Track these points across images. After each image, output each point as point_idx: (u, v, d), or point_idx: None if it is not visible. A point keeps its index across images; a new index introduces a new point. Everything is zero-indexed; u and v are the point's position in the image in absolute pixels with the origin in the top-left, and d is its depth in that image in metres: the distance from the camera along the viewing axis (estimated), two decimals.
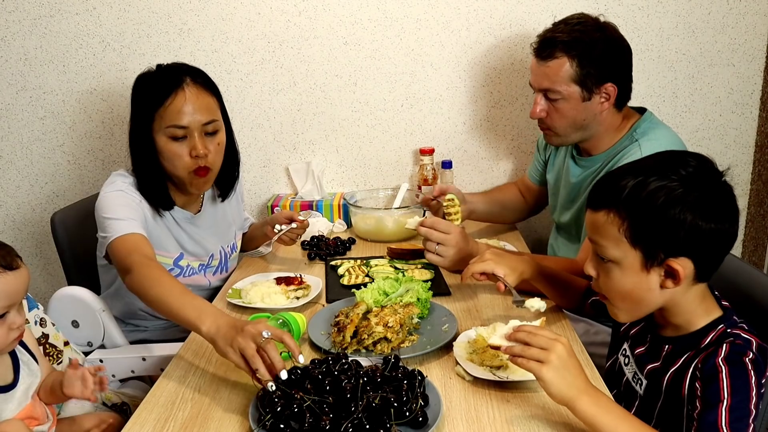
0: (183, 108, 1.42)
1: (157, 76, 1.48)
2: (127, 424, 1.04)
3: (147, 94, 1.46)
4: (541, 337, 0.96)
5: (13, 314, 1.06)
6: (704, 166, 0.99)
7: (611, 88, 1.51)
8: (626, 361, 1.17)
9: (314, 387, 1.00)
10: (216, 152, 1.49)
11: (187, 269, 1.62)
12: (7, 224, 2.28)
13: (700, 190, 0.95)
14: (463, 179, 2.23)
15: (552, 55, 1.51)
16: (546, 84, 1.54)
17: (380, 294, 1.37)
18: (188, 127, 1.43)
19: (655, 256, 0.98)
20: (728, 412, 0.92)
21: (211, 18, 2.08)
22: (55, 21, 2.08)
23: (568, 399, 0.93)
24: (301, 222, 1.68)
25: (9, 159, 2.22)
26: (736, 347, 0.97)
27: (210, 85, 1.50)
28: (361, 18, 2.08)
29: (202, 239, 1.64)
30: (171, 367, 1.22)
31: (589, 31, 1.49)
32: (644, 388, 1.10)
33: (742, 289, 1.13)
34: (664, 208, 0.95)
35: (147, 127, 1.45)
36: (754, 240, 2.24)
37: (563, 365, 0.93)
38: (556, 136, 1.63)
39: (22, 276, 1.07)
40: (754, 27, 2.06)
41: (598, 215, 1.02)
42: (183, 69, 1.48)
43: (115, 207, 1.43)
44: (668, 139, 1.52)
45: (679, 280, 0.98)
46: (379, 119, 2.18)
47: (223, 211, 1.71)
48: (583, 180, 1.66)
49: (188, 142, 1.45)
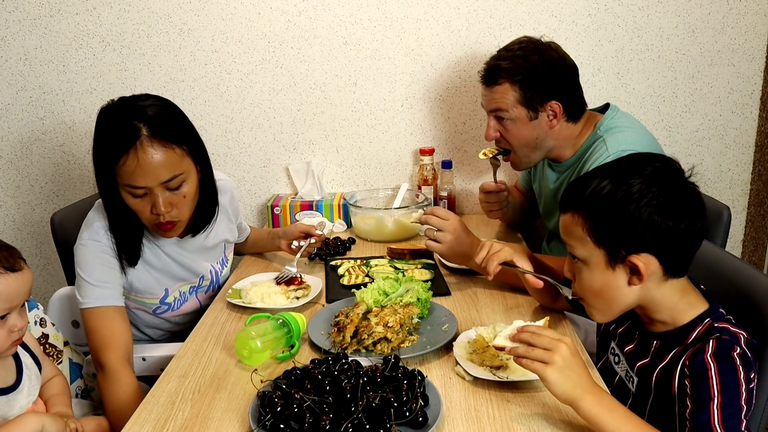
0: (137, 170, 1.27)
1: (113, 125, 1.30)
2: (127, 424, 1.04)
3: (103, 145, 1.31)
4: (545, 337, 0.97)
5: (14, 317, 1.05)
6: (667, 165, 1.02)
7: (556, 105, 1.58)
8: (616, 359, 1.18)
9: (314, 387, 1.00)
10: (182, 204, 1.36)
11: (175, 303, 1.56)
12: (7, 224, 2.28)
13: (660, 188, 0.98)
14: (463, 179, 2.23)
15: (496, 81, 1.60)
16: (494, 105, 1.63)
17: (380, 294, 1.37)
18: (146, 186, 1.30)
19: (617, 254, 1.01)
20: (720, 410, 0.92)
21: (211, 18, 2.08)
22: (55, 21, 2.08)
23: (572, 399, 0.94)
24: (318, 237, 1.67)
25: (9, 159, 2.22)
26: (723, 342, 0.97)
27: (172, 132, 1.31)
28: (361, 18, 2.08)
29: (189, 262, 1.55)
30: (171, 367, 1.22)
31: (528, 56, 1.57)
32: (636, 385, 1.11)
33: (742, 289, 1.13)
34: (621, 205, 0.98)
35: (110, 178, 1.32)
36: (754, 240, 2.24)
37: (567, 365, 0.94)
38: (519, 160, 1.70)
39: (24, 278, 1.05)
40: (754, 27, 2.06)
41: (566, 217, 1.07)
42: (141, 115, 1.29)
43: (90, 266, 1.36)
44: (631, 130, 1.55)
45: (642, 276, 1.00)
46: (379, 119, 2.18)
47: (213, 230, 1.58)
48: (559, 185, 1.72)
49: (149, 198, 1.32)
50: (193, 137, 1.39)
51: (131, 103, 1.32)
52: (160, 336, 1.65)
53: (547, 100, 1.57)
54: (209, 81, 2.14)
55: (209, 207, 1.51)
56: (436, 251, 1.52)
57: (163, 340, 1.65)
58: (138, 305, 1.52)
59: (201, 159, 1.41)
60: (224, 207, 1.63)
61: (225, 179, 1.66)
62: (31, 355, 1.18)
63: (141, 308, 1.54)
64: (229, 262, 1.71)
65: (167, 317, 1.57)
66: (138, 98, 1.34)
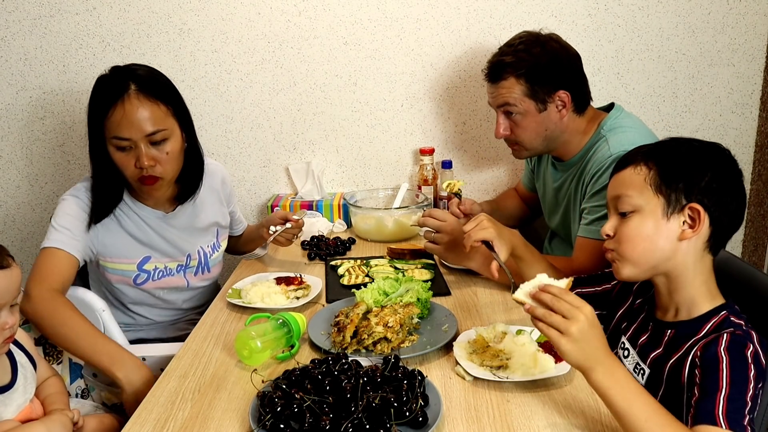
0: (123, 120, 1.38)
1: (104, 83, 1.43)
2: (127, 424, 1.04)
3: (95, 102, 1.43)
4: (566, 303, 0.93)
5: (5, 314, 1.05)
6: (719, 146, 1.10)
7: (564, 95, 1.58)
8: (625, 353, 1.18)
9: (314, 387, 1.00)
10: (166, 161, 1.44)
11: (155, 272, 1.59)
12: (7, 224, 2.28)
13: (721, 156, 1.07)
14: (463, 179, 2.23)
15: (501, 77, 1.60)
16: (501, 100, 1.62)
17: (380, 294, 1.37)
18: (131, 138, 1.40)
19: (677, 202, 1.04)
20: (726, 402, 0.92)
21: (211, 18, 2.08)
22: (55, 21, 2.08)
23: (583, 369, 0.92)
24: (295, 221, 1.67)
25: (9, 159, 2.22)
26: (738, 337, 0.98)
27: (159, 91, 1.43)
28: (361, 18, 2.08)
29: (176, 239, 1.60)
30: (171, 367, 1.22)
31: (530, 48, 1.58)
32: (646, 377, 1.11)
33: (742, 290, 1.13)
34: (690, 156, 1.06)
35: (99, 134, 1.43)
36: (754, 240, 2.24)
37: (583, 337, 0.91)
38: (525, 150, 1.69)
39: (13, 275, 1.05)
40: (754, 27, 2.06)
41: (625, 172, 1.10)
42: (131, 74, 1.42)
43: (60, 215, 1.46)
44: (634, 131, 1.55)
45: (697, 225, 1.03)
46: (379, 119, 2.18)
47: (201, 211, 1.65)
48: (562, 184, 1.71)
49: (134, 152, 1.41)
50: (178, 102, 1.49)
51: (124, 67, 1.46)
52: (149, 321, 1.65)
53: (554, 90, 1.57)
54: (209, 81, 2.14)
55: (194, 176, 1.58)
56: (435, 252, 1.53)
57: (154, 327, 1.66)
58: (118, 276, 1.56)
59: (185, 125, 1.51)
60: (215, 189, 1.70)
61: (216, 164, 1.74)
62: (26, 354, 1.18)
63: (121, 279, 1.57)
64: (221, 249, 1.74)
65: (150, 289, 1.60)
66: (130, 65, 1.47)
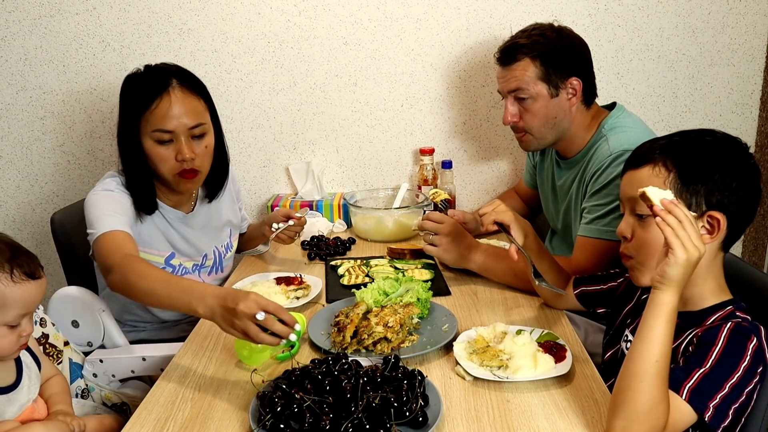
0: (168, 112, 1.40)
1: (144, 78, 1.45)
2: (127, 424, 1.04)
3: (133, 96, 1.44)
4: (690, 231, 0.90)
5: (26, 322, 1.07)
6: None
7: (576, 82, 1.57)
8: (628, 346, 1.17)
9: (314, 387, 1.00)
10: (203, 155, 1.48)
11: (179, 268, 1.61)
12: (7, 224, 2.28)
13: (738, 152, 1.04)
14: (463, 179, 2.23)
15: (515, 59, 1.59)
16: (514, 84, 1.60)
17: (380, 294, 1.37)
18: (174, 131, 1.42)
19: (697, 206, 1.02)
20: (700, 379, 0.93)
21: (211, 18, 2.08)
22: (55, 21, 2.08)
23: (666, 288, 0.92)
24: (298, 219, 1.68)
25: (9, 159, 2.22)
26: (742, 328, 0.98)
27: (198, 87, 1.48)
28: (361, 18, 2.08)
29: (194, 239, 1.63)
30: (171, 367, 1.22)
31: (545, 33, 1.58)
32: None
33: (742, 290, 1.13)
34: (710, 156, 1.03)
35: (134, 129, 1.43)
36: (754, 240, 2.24)
37: (686, 271, 0.91)
38: (533, 139, 1.66)
39: (43, 285, 1.07)
40: (754, 27, 2.06)
41: (643, 171, 1.06)
42: (170, 71, 1.46)
43: (103, 204, 1.43)
44: (634, 130, 1.54)
45: (716, 231, 1.01)
46: (379, 119, 2.18)
47: (217, 211, 1.69)
48: (565, 182, 1.70)
49: (174, 145, 1.43)
50: (211, 100, 1.52)
51: (159, 65, 1.49)
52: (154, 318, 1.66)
53: (567, 76, 1.57)
54: (209, 81, 2.11)
55: (220, 175, 1.62)
56: (434, 255, 1.54)
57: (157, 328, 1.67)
58: None
59: (216, 124, 1.54)
60: (227, 188, 1.71)
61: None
62: (31, 354, 1.19)
63: None
64: (233, 249, 1.76)
65: None
66: (161, 64, 1.49)
